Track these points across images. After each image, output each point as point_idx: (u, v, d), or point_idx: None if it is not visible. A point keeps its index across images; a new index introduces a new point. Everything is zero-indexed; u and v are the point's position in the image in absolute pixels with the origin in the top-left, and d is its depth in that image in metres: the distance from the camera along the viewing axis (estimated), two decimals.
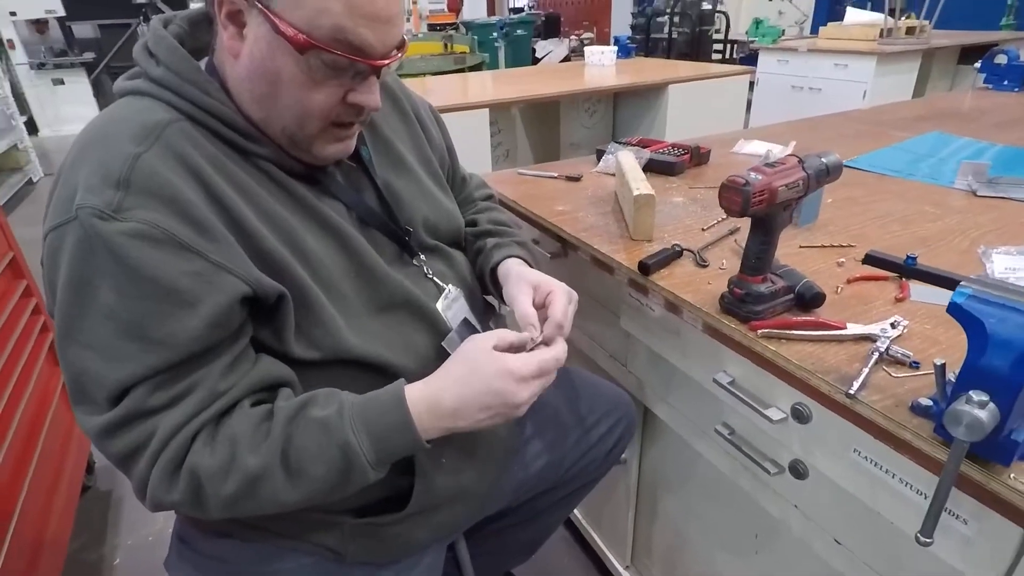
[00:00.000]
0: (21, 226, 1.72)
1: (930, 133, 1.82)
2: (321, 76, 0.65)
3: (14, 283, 1.55)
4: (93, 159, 0.62)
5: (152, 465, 0.62)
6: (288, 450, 0.65)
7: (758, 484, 0.90)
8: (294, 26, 0.61)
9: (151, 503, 0.65)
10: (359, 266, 0.76)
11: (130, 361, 0.60)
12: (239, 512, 0.66)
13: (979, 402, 0.50)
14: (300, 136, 0.70)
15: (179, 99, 0.67)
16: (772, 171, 0.75)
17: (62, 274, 0.60)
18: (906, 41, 4.35)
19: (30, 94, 7.01)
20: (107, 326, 0.60)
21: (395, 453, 0.69)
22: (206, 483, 0.63)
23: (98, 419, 0.62)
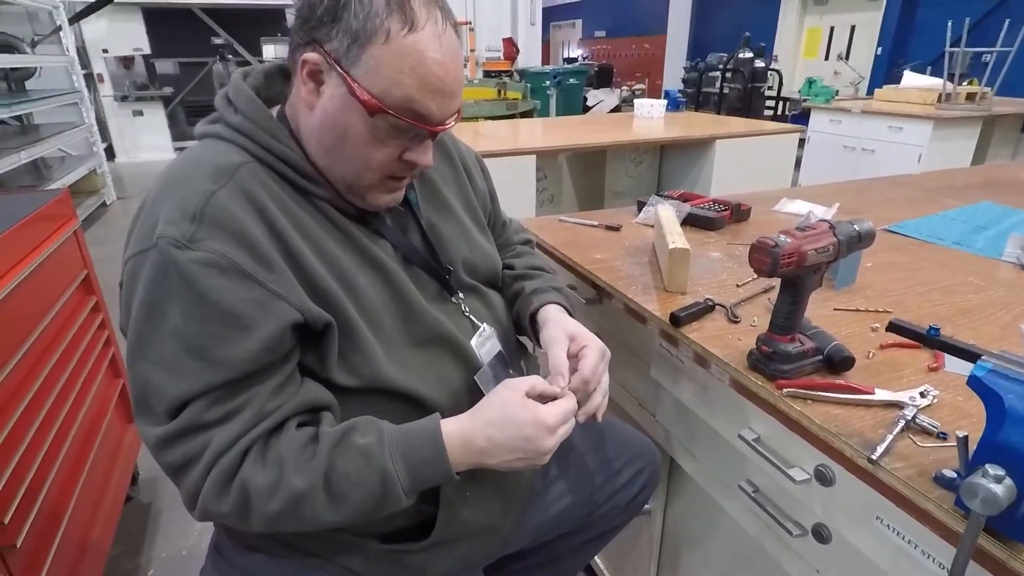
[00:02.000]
0: (93, 245, 1.85)
1: (981, 203, 1.80)
2: (384, 136, 0.73)
3: (86, 299, 1.66)
4: (174, 195, 0.69)
5: (205, 476, 0.67)
6: (331, 474, 0.69)
7: (781, 546, 0.90)
8: (368, 91, 0.69)
9: (200, 512, 0.69)
10: (400, 301, 0.81)
11: (190, 378, 0.66)
12: (280, 528, 0.71)
13: (995, 476, 0.51)
14: (357, 185, 0.78)
15: (252, 144, 0.75)
16: (802, 235, 0.77)
17: (138, 296, 0.67)
18: (965, 107, 4.30)
19: (112, 123, 7.55)
20: (172, 344, 0.66)
21: (428, 483, 0.74)
22: (254, 498, 0.67)
23: (157, 430, 0.67)
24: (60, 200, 1.57)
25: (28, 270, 1.29)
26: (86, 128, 5.52)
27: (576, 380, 0.82)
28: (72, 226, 1.61)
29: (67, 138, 5.11)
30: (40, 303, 1.38)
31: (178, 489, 0.71)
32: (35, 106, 4.85)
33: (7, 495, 1.09)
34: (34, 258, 1.34)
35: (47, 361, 1.34)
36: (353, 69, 0.70)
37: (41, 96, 5.05)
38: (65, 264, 1.56)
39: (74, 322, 1.54)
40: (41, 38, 5.84)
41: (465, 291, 0.93)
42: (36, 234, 1.41)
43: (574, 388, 0.82)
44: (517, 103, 5.53)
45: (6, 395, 1.16)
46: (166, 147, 7.97)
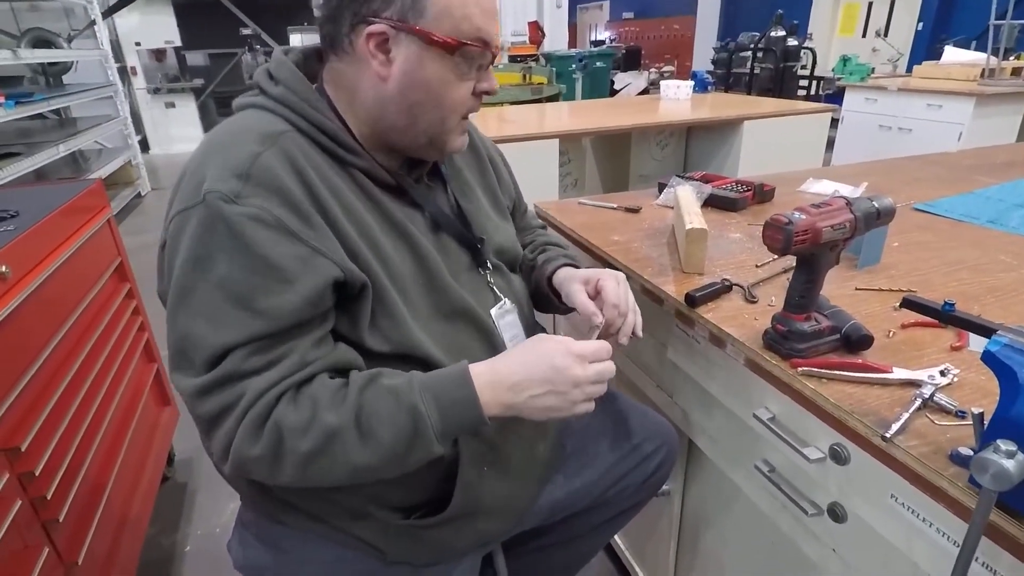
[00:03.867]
0: (128, 235, 1.92)
1: (1020, 180, 1.73)
2: (462, 72, 0.79)
3: (120, 285, 1.72)
4: (220, 156, 0.71)
5: (240, 421, 0.67)
6: (360, 413, 0.70)
7: (797, 525, 0.89)
8: (444, 34, 0.75)
9: (233, 459, 0.69)
10: (427, 273, 0.83)
11: (234, 327, 0.67)
12: (310, 473, 0.69)
13: (1007, 451, 0.50)
14: (441, 133, 0.82)
15: (293, 114, 0.78)
16: (817, 211, 0.76)
17: (183, 249, 0.68)
18: (1010, 82, 4.13)
19: (145, 116, 7.73)
20: (217, 295, 0.67)
21: (459, 426, 0.74)
22: (287, 437, 0.67)
23: (195, 380, 0.68)
24: (93, 190, 1.63)
25: (63, 257, 1.34)
26: (121, 121, 5.66)
27: (607, 309, 0.89)
28: (105, 215, 1.66)
29: (103, 131, 5.25)
30: (76, 289, 1.43)
31: (209, 444, 0.71)
32: (72, 99, 4.99)
33: (49, 472, 1.14)
34: (69, 246, 1.39)
35: (84, 345, 1.39)
36: (423, 20, 0.74)
37: (78, 90, 5.19)
38: (99, 252, 1.62)
39: (109, 308, 1.59)
40: (77, 33, 6.00)
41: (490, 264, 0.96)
42: (71, 223, 1.46)
43: (608, 318, 0.89)
44: (542, 88, 5.48)
45: (46, 377, 1.21)
46: (197, 138, 8.05)
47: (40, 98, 4.35)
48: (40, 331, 1.23)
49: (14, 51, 3.97)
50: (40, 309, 1.23)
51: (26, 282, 1.18)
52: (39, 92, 4.72)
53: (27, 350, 1.16)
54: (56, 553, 1.13)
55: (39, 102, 4.29)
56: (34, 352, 1.18)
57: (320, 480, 0.71)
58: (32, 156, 3.74)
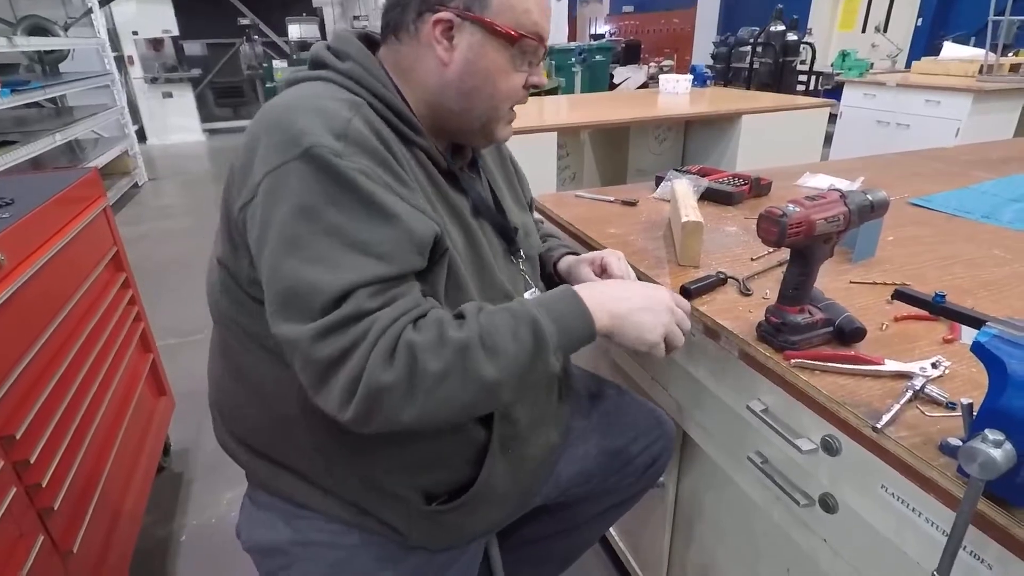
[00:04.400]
0: (124, 225, 1.91)
1: (1014, 175, 1.74)
2: (517, 63, 0.83)
3: (116, 275, 1.72)
4: (313, 116, 0.70)
5: (371, 350, 0.65)
6: (482, 332, 0.70)
7: (789, 516, 0.90)
8: (506, 26, 0.79)
9: (364, 392, 0.65)
10: (477, 255, 0.86)
11: (353, 269, 0.67)
12: (442, 395, 0.68)
13: (994, 441, 0.50)
14: (493, 120, 0.86)
15: (363, 89, 0.79)
16: (812, 204, 0.76)
17: (287, 200, 0.67)
18: (1008, 79, 4.12)
19: (142, 105, 7.69)
20: (332, 241, 0.67)
21: (573, 337, 0.76)
22: (420, 356, 0.66)
23: (311, 325, 0.65)
24: (89, 179, 1.62)
25: (59, 246, 1.34)
26: (118, 110, 5.64)
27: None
28: (101, 204, 1.66)
29: (100, 120, 5.23)
30: (71, 278, 1.43)
31: (324, 390, 0.67)
32: (69, 88, 4.97)
33: (44, 460, 1.14)
34: (65, 235, 1.39)
35: (79, 334, 1.39)
36: (487, 12, 0.78)
37: (74, 78, 5.16)
38: (95, 241, 1.61)
39: (105, 297, 1.59)
40: (73, 20, 5.96)
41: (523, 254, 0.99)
42: (66, 212, 1.46)
43: None
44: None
45: (41, 365, 1.21)
46: (195, 129, 8.09)
47: (36, 86, 4.33)
48: (35, 320, 1.23)
49: (10, 38, 3.95)
50: (35, 298, 1.23)
51: (21, 270, 1.18)
52: (35, 80, 4.70)
53: (22, 339, 1.16)
54: (51, 541, 1.14)
55: (35, 90, 4.27)
56: (29, 341, 1.18)
57: (447, 404, 0.68)
58: (28, 144, 3.72)
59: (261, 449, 0.87)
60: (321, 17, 8.89)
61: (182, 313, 3.07)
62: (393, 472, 0.84)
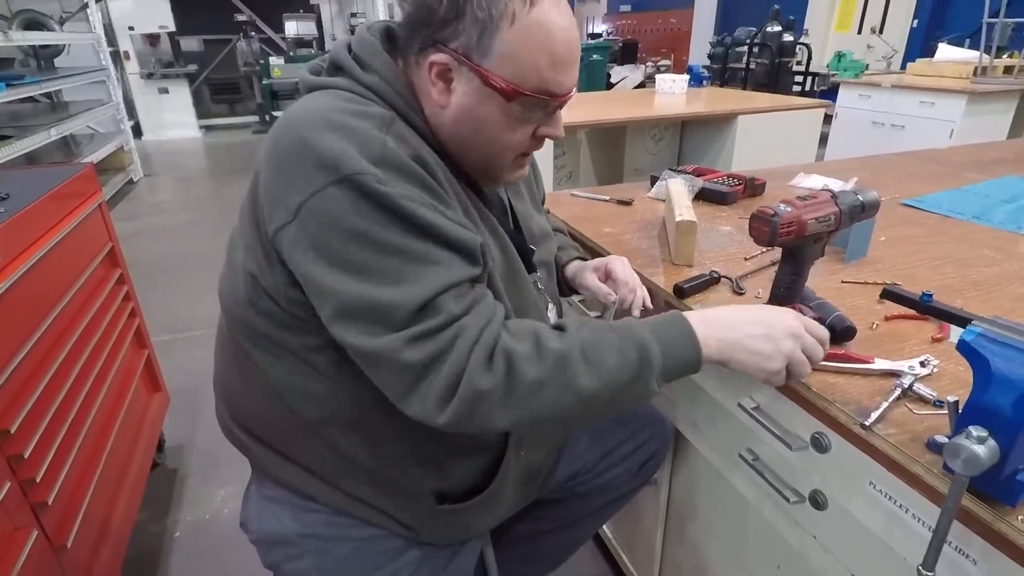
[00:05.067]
0: (119, 221, 1.91)
1: (1006, 177, 1.75)
2: (520, 117, 0.75)
3: (112, 270, 1.72)
4: (347, 140, 0.67)
5: (469, 355, 0.66)
6: (584, 346, 0.69)
7: (779, 513, 0.91)
8: (503, 79, 0.71)
9: (463, 396, 0.65)
10: (510, 270, 0.85)
11: (427, 281, 0.66)
12: (538, 402, 0.68)
13: (978, 437, 0.51)
14: (492, 168, 0.81)
15: (386, 105, 0.75)
16: (803, 204, 0.77)
17: (336, 228, 0.66)
18: (1002, 80, 4.15)
19: (138, 101, 7.66)
20: (397, 260, 0.66)
21: (678, 362, 0.73)
22: (518, 364, 0.67)
23: (400, 333, 0.65)
24: (85, 175, 1.62)
25: (53, 242, 1.34)
26: (113, 106, 5.61)
27: (620, 289, 0.99)
28: (97, 200, 1.65)
29: (95, 115, 5.20)
30: (66, 274, 1.43)
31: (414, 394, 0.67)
32: (64, 83, 4.94)
33: (38, 454, 1.15)
34: (59, 230, 1.39)
35: (74, 329, 1.39)
36: (485, 61, 0.71)
37: (69, 73, 5.14)
38: (90, 237, 1.61)
39: (100, 293, 1.59)
40: (69, 15, 5.93)
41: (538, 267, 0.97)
42: (61, 207, 1.45)
43: (621, 295, 0.98)
44: None
45: (36, 360, 1.21)
46: (191, 124, 8.07)
47: (31, 81, 4.30)
48: (30, 315, 1.23)
49: (5, 33, 3.93)
50: (30, 293, 1.23)
51: (15, 265, 1.18)
52: (30, 75, 4.67)
53: (16, 333, 1.16)
54: (45, 536, 1.14)
55: (30, 85, 4.25)
56: (24, 335, 1.18)
57: (542, 411, 0.68)
58: (23, 140, 3.70)
59: (274, 444, 0.87)
60: (318, 14, 8.87)
61: (177, 309, 3.07)
62: (410, 473, 0.84)
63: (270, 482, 0.90)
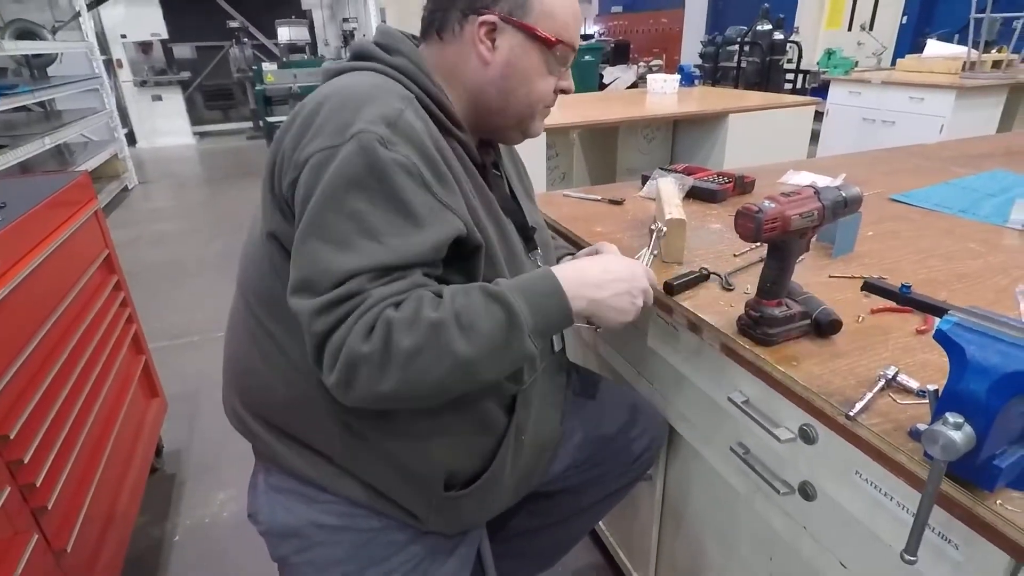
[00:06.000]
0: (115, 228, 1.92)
1: (992, 171, 1.77)
2: (552, 68, 0.89)
3: (108, 277, 1.73)
4: (369, 103, 0.75)
5: (355, 324, 0.70)
6: (459, 311, 0.72)
7: (770, 505, 0.92)
8: (545, 32, 0.85)
9: (344, 359, 0.70)
10: (508, 249, 0.89)
11: (361, 254, 0.71)
12: (416, 368, 0.70)
13: (954, 423, 0.53)
14: (527, 118, 0.93)
15: (413, 84, 0.84)
16: (787, 200, 0.79)
17: (324, 182, 0.71)
18: (990, 75, 4.18)
19: (132, 109, 7.66)
20: (350, 226, 0.71)
21: (549, 320, 0.79)
22: (395, 331, 0.69)
23: (316, 299, 0.70)
24: (80, 183, 1.63)
25: (50, 249, 1.35)
26: (107, 113, 5.62)
27: None
28: (92, 207, 1.66)
29: (89, 123, 5.20)
30: (63, 281, 1.44)
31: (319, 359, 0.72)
32: (57, 92, 4.95)
33: (38, 460, 1.15)
34: (55, 238, 1.40)
35: (71, 336, 1.40)
36: (528, 18, 0.85)
37: (63, 82, 5.14)
38: (87, 244, 1.62)
39: (96, 300, 1.60)
40: (61, 24, 5.94)
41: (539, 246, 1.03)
42: (57, 215, 1.46)
43: None
44: None
45: (34, 367, 1.22)
46: (185, 131, 8.06)
47: (24, 90, 4.31)
48: (28, 322, 1.24)
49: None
50: (27, 300, 1.24)
51: (13, 274, 1.19)
52: (23, 84, 4.67)
53: (15, 340, 1.17)
54: (45, 540, 1.15)
55: (23, 94, 4.25)
56: (22, 342, 1.19)
57: (422, 378, 0.71)
58: (17, 149, 3.71)
59: (284, 427, 0.88)
60: (310, 19, 8.88)
61: (174, 315, 3.07)
62: (421, 458, 0.86)
63: (278, 472, 0.91)
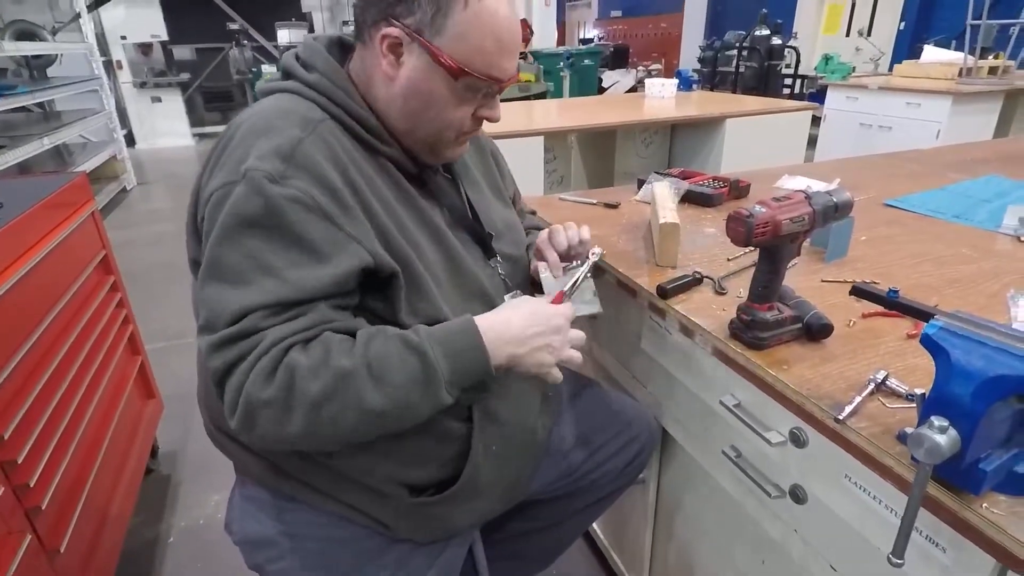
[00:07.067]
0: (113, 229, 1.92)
1: (985, 177, 1.78)
2: (463, 96, 0.81)
3: (105, 278, 1.73)
4: (264, 137, 0.74)
5: (253, 365, 0.68)
6: (371, 358, 0.71)
7: (762, 508, 0.93)
8: (452, 58, 0.77)
9: (244, 405, 0.68)
10: (451, 260, 0.87)
11: (258, 290, 0.69)
12: (322, 419, 0.69)
13: (939, 427, 0.53)
14: (437, 144, 0.86)
15: (328, 101, 0.81)
16: (777, 205, 0.79)
17: (220, 222, 0.71)
18: (986, 81, 4.20)
19: (131, 110, 7.66)
20: (248, 263, 0.70)
21: (467, 373, 0.76)
22: (299, 379, 0.67)
23: (214, 336, 0.69)
24: (78, 183, 1.63)
25: (47, 250, 1.35)
26: (106, 115, 5.62)
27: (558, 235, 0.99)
28: (90, 208, 1.67)
29: (88, 124, 5.21)
30: (60, 282, 1.44)
31: (220, 398, 0.70)
32: (56, 93, 4.95)
33: (32, 460, 1.16)
34: (52, 238, 1.40)
35: (67, 336, 1.40)
36: (436, 38, 0.76)
37: (62, 83, 5.14)
38: (83, 245, 1.62)
39: (93, 301, 1.60)
40: (61, 25, 5.94)
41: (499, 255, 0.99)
42: (54, 216, 1.47)
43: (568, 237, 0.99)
44: (530, 85, 5.50)
45: (29, 367, 1.22)
46: (184, 133, 8.07)
47: (23, 91, 4.31)
48: (24, 322, 1.24)
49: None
50: (24, 300, 1.24)
51: (9, 273, 1.19)
52: (23, 85, 4.67)
53: (11, 340, 1.17)
54: (39, 540, 1.15)
55: (22, 95, 4.25)
56: (17, 342, 1.19)
57: (330, 428, 0.70)
58: (16, 149, 3.71)
59: (249, 445, 0.88)
60: (310, 22, 8.89)
61: (171, 316, 3.07)
62: (376, 471, 0.86)
63: (251, 483, 0.92)
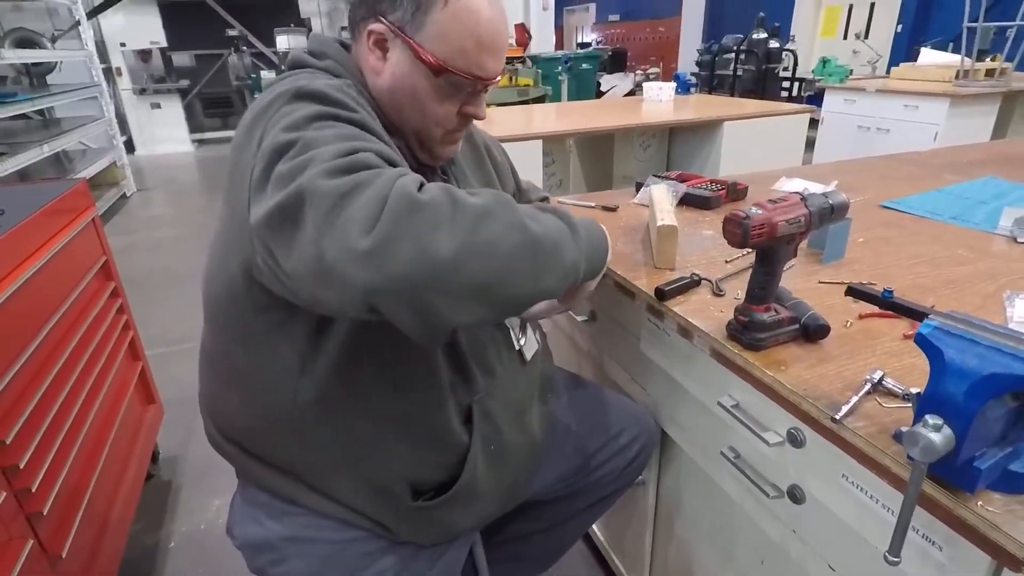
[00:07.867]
0: (113, 236, 1.93)
1: (982, 178, 1.79)
2: (446, 93, 0.83)
3: (105, 284, 1.74)
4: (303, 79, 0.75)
5: (396, 179, 0.60)
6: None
7: (760, 508, 0.93)
8: (433, 54, 0.78)
9: (395, 204, 0.57)
10: None
11: (353, 142, 0.64)
12: (484, 230, 0.60)
13: (934, 425, 0.54)
14: (427, 139, 0.87)
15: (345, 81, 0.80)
16: (773, 207, 0.80)
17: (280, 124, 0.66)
18: (983, 83, 4.21)
19: (131, 116, 7.69)
20: (330, 131, 0.65)
21: (595, 247, 0.80)
22: (457, 192, 0.62)
23: (319, 167, 0.60)
24: (78, 190, 1.64)
25: (47, 256, 1.36)
26: (106, 121, 5.64)
27: None
28: (90, 214, 1.67)
29: (88, 131, 5.23)
30: (60, 288, 1.44)
31: (332, 225, 0.57)
32: (56, 100, 4.97)
33: (33, 465, 1.16)
34: (53, 245, 1.41)
35: (68, 342, 1.40)
36: (417, 35, 0.78)
37: (62, 90, 5.16)
38: (84, 251, 1.63)
39: (93, 307, 1.60)
40: (61, 33, 5.97)
41: None
42: (55, 222, 1.47)
43: None
44: (528, 89, 5.52)
45: (30, 373, 1.23)
46: (183, 139, 8.10)
47: (23, 98, 4.33)
48: (25, 328, 1.24)
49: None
50: (25, 306, 1.24)
51: (10, 280, 1.20)
52: (22, 92, 4.69)
53: (12, 346, 1.18)
54: (40, 545, 1.15)
55: (22, 102, 4.27)
56: (19, 348, 1.20)
57: (489, 248, 0.59)
58: (15, 156, 3.72)
59: (250, 448, 0.89)
60: (309, 28, 8.92)
61: (171, 322, 3.08)
62: (380, 471, 0.86)
63: (253, 487, 0.92)
